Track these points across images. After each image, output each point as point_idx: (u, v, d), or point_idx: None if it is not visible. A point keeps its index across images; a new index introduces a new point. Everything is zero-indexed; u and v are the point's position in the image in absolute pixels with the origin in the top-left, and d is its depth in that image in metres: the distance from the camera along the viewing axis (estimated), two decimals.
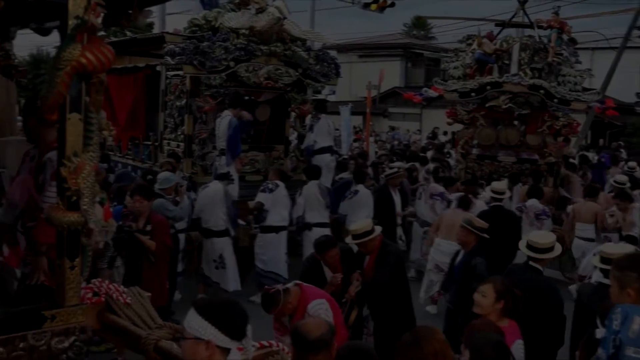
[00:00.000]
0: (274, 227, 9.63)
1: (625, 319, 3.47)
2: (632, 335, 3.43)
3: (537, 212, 10.17)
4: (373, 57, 37.04)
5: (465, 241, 6.84)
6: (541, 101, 12.84)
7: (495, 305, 4.64)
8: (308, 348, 3.63)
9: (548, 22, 13.92)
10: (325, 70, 11.60)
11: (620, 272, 3.71)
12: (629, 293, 3.62)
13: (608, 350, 3.49)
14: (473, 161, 13.47)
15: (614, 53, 25.45)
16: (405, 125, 32.65)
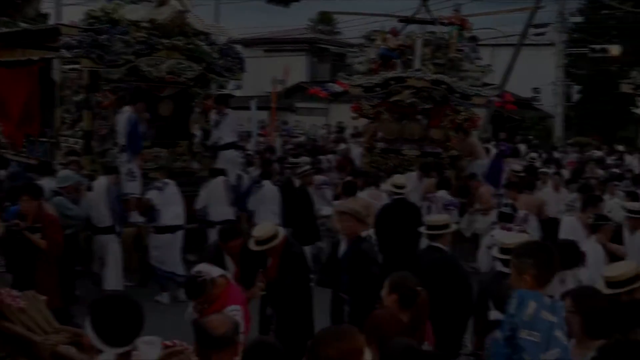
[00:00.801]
0: (169, 226, 9.44)
1: (521, 303, 3.59)
2: (526, 319, 3.55)
3: (446, 202, 10.39)
4: (279, 51, 36.96)
5: (351, 230, 6.78)
6: (443, 96, 13.09)
7: (389, 297, 4.60)
8: (212, 344, 3.58)
9: (449, 19, 14.27)
10: (230, 65, 11.45)
11: (517, 260, 3.83)
12: (526, 279, 3.73)
13: (505, 332, 3.61)
14: (378, 155, 13.60)
15: (513, 50, 26.42)
16: (312, 120, 32.73)
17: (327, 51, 39.08)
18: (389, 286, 4.64)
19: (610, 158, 19.04)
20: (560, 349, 3.58)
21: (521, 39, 26.42)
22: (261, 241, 6.28)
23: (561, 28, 29.91)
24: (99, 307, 2.95)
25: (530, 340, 3.52)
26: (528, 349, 3.51)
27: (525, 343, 3.52)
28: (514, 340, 3.57)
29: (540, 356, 3.51)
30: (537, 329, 3.55)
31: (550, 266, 3.82)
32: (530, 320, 3.55)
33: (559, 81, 30.45)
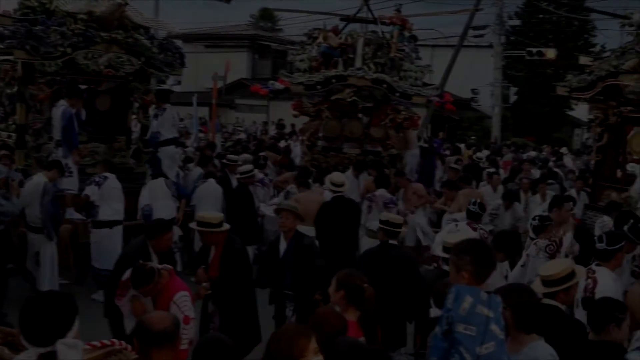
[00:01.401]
0: (107, 221, 9.29)
1: (457, 298, 3.64)
2: (462, 313, 3.60)
3: (386, 200, 10.48)
4: (220, 47, 36.63)
5: (290, 226, 6.92)
6: (384, 95, 13.21)
7: (336, 294, 4.62)
8: (152, 341, 3.55)
9: (390, 19, 14.38)
10: (170, 60, 11.30)
11: (456, 256, 3.89)
12: (464, 275, 3.79)
13: (442, 327, 3.65)
14: (319, 153, 13.63)
15: (452, 51, 26.86)
16: (253, 117, 32.62)
17: (268, 48, 38.98)
18: (335, 283, 4.65)
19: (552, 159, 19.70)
20: (495, 342, 3.65)
21: (460, 41, 26.87)
22: (209, 224, 6.34)
23: (499, 31, 30.50)
24: (25, 305, 2.91)
25: (466, 334, 3.58)
26: (464, 343, 3.57)
27: (461, 337, 3.57)
28: (451, 334, 3.62)
29: (476, 350, 3.57)
30: (473, 323, 3.61)
31: (487, 262, 3.90)
32: (465, 314, 3.61)
33: (497, 83, 31.07)
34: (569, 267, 4.96)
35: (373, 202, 10.41)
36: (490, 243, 6.26)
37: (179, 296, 5.07)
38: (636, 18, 10.60)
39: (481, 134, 32.14)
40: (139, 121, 12.10)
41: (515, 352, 3.93)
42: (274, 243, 7.19)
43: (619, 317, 4.37)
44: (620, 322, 4.36)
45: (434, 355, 3.70)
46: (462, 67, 28.45)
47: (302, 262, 6.75)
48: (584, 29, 36.31)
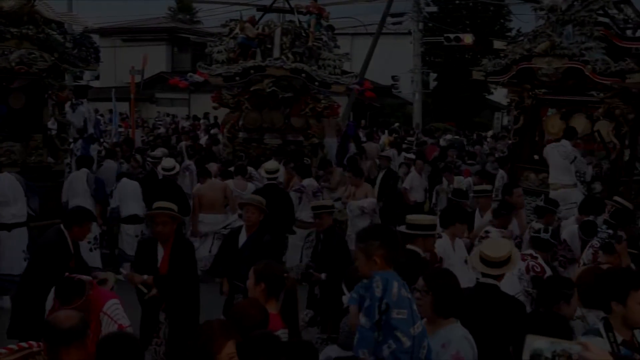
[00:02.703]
0: (4, 224, 8.88)
1: (386, 285, 3.72)
2: (394, 299, 3.69)
3: (314, 190, 10.52)
4: (138, 41, 35.93)
5: (255, 220, 6.96)
6: (303, 84, 13.24)
7: (256, 287, 4.53)
8: (59, 339, 3.48)
9: (307, 8, 14.39)
10: (84, 55, 10.99)
11: (364, 243, 3.90)
12: (375, 260, 3.82)
13: (372, 317, 3.69)
14: (240, 144, 13.56)
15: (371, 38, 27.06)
16: (174, 111, 32.16)
17: (187, 41, 38.43)
18: (254, 276, 4.58)
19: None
20: (420, 322, 3.84)
21: (379, 28, 27.09)
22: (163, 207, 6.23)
23: (417, 17, 30.93)
24: None
25: (400, 318, 3.68)
26: (400, 327, 3.67)
27: (396, 322, 3.67)
28: (383, 322, 3.69)
29: (410, 331, 3.70)
30: (403, 306, 3.72)
31: (396, 245, 3.96)
32: (396, 299, 3.71)
33: (417, 69, 31.54)
34: (510, 251, 5.01)
35: (303, 192, 10.42)
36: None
37: (108, 306, 4.78)
38: (547, 2, 10.92)
39: (403, 120, 32.57)
40: (55, 118, 11.77)
41: (431, 334, 4.02)
42: (234, 233, 7.23)
43: (567, 294, 4.54)
44: (569, 298, 4.53)
45: (363, 346, 3.70)
46: (382, 54, 28.72)
47: (257, 258, 6.68)
48: (500, 14, 37.17)
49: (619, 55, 9.97)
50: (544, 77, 10.75)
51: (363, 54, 25.84)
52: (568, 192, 9.70)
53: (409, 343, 3.68)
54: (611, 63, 9.77)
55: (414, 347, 3.71)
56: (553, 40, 10.38)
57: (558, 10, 10.57)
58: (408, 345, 3.68)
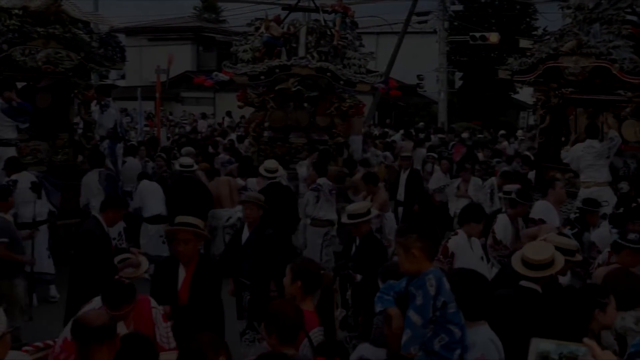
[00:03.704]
0: (25, 223, 8.74)
1: (439, 282, 3.75)
2: (449, 294, 3.77)
3: (330, 188, 10.52)
4: (163, 40, 36.17)
5: (255, 216, 7.09)
6: (328, 83, 13.22)
7: (292, 285, 4.52)
8: (91, 338, 3.50)
9: (332, 7, 14.39)
10: (110, 54, 11.15)
11: (403, 237, 3.91)
12: (414, 253, 3.82)
13: (427, 315, 3.71)
14: (265, 144, 13.59)
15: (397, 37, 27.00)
16: (199, 109, 32.30)
17: (213, 40, 38.62)
18: (291, 274, 4.56)
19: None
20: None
21: (404, 27, 27.02)
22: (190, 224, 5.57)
23: (442, 16, 30.75)
24: None
25: (453, 312, 3.77)
26: (453, 320, 3.76)
27: (451, 316, 3.75)
28: (437, 317, 3.72)
29: (461, 321, 3.80)
30: (453, 299, 3.80)
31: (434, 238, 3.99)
32: (449, 294, 3.78)
33: (442, 68, 31.37)
34: (553, 254, 4.90)
35: (320, 191, 10.42)
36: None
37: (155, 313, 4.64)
38: (574, 1, 10.81)
39: (428, 120, 32.43)
40: (81, 117, 11.91)
41: None
42: (238, 231, 7.37)
43: (602, 302, 4.31)
44: (604, 307, 4.30)
45: (415, 344, 3.71)
46: (407, 53, 28.66)
47: (260, 252, 6.85)
48: (526, 12, 36.82)
49: None
50: (570, 76, 10.62)
51: (388, 53, 25.82)
52: (601, 190, 9.60)
53: (460, 333, 3.77)
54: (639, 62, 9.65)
55: (464, 335, 3.79)
56: (580, 39, 10.26)
57: (585, 9, 10.46)
58: (459, 335, 3.76)
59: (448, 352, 3.74)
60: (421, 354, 3.73)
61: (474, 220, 6.79)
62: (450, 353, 3.76)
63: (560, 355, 2.28)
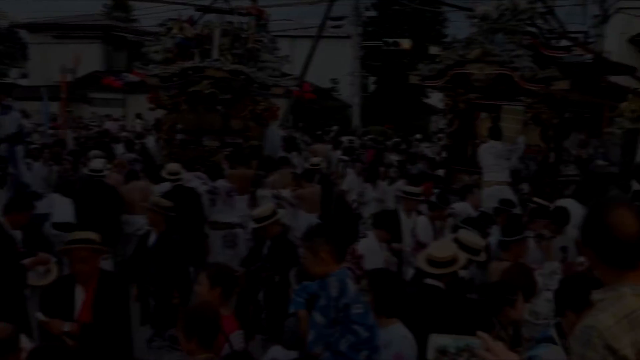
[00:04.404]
0: None
1: (342, 285, 3.82)
2: (352, 295, 3.82)
3: (228, 190, 10.45)
4: (70, 38, 34.96)
5: (156, 222, 7.05)
6: (242, 86, 13.17)
7: (212, 292, 4.42)
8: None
9: (247, 9, 14.34)
10: (10, 51, 10.76)
11: (310, 242, 3.98)
12: (322, 257, 3.90)
13: (330, 315, 3.79)
14: (177, 147, 13.39)
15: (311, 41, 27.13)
16: (109, 111, 31.46)
17: (123, 39, 37.68)
18: (208, 281, 4.45)
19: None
20: (370, 311, 3.98)
21: (319, 31, 27.18)
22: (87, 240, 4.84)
23: (356, 21, 31.18)
24: None
25: (359, 312, 3.82)
26: (359, 320, 3.81)
27: (357, 317, 3.80)
28: (341, 318, 3.79)
29: (368, 322, 3.86)
30: (359, 300, 3.87)
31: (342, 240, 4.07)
32: (354, 295, 3.84)
33: (356, 72, 31.76)
34: (456, 251, 5.08)
35: (216, 194, 10.34)
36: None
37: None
38: (480, 11, 11.23)
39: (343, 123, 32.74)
40: None
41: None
42: (144, 236, 7.27)
43: (511, 299, 4.48)
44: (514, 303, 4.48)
45: (320, 344, 3.78)
46: (322, 57, 28.79)
47: (165, 258, 6.77)
48: (437, 20, 37.76)
49: (544, 63, 10.34)
50: (476, 83, 11.05)
51: (303, 56, 25.89)
52: (501, 190, 9.96)
53: (367, 334, 3.82)
54: (538, 70, 10.15)
55: (371, 336, 3.82)
56: (485, 48, 10.70)
57: (490, 19, 10.88)
58: (366, 336, 3.81)
59: (354, 353, 3.79)
60: (329, 354, 3.79)
61: (385, 228, 6.95)
62: (357, 354, 3.82)
63: (458, 349, 2.36)
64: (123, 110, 33.10)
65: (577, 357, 2.35)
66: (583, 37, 21.57)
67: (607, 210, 2.43)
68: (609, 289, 2.44)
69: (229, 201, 10.34)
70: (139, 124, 25.59)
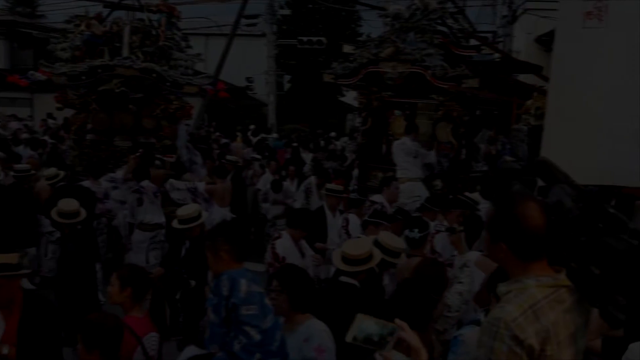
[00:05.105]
0: None
1: (233, 283, 3.79)
2: (242, 296, 3.79)
3: (154, 191, 10.29)
4: None
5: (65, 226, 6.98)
6: (154, 85, 12.93)
7: (122, 293, 4.30)
8: None
9: (158, 6, 14.05)
10: None
11: (211, 241, 3.99)
12: (221, 256, 3.92)
13: (220, 314, 3.77)
14: (88, 147, 13.02)
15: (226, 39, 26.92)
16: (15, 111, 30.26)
17: (29, 36, 36.34)
18: (119, 281, 4.33)
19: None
20: (272, 314, 3.96)
21: (233, 29, 27.01)
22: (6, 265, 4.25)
23: (271, 20, 31.09)
24: None
25: (250, 314, 3.79)
26: (250, 322, 3.79)
27: (246, 318, 3.78)
28: (232, 319, 3.75)
29: (261, 325, 3.82)
30: (253, 302, 3.83)
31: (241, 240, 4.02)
32: (245, 296, 3.80)
33: (271, 71, 31.69)
34: (370, 249, 5.13)
35: (143, 193, 10.17)
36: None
37: None
38: (392, 10, 11.39)
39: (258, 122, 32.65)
40: None
41: (291, 332, 4.12)
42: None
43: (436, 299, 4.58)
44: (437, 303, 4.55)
45: (214, 342, 3.76)
46: (237, 55, 28.66)
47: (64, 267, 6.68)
48: (351, 19, 38.15)
49: (455, 62, 10.60)
50: (389, 81, 11.21)
51: (217, 54, 25.67)
52: (413, 185, 10.14)
53: (259, 337, 3.80)
54: (449, 69, 10.39)
55: (265, 340, 3.79)
56: (397, 46, 10.86)
57: (402, 18, 11.05)
58: (258, 339, 3.79)
59: (247, 355, 3.77)
60: (223, 354, 3.76)
61: (300, 227, 6.95)
62: (250, 356, 3.80)
63: (380, 337, 2.39)
64: (30, 110, 31.95)
65: (486, 348, 2.43)
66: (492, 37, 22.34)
67: (516, 204, 2.52)
68: (514, 282, 2.53)
69: (156, 202, 10.17)
70: (53, 124, 24.74)
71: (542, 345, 2.39)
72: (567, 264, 2.53)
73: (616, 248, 2.45)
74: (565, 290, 2.52)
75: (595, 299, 2.52)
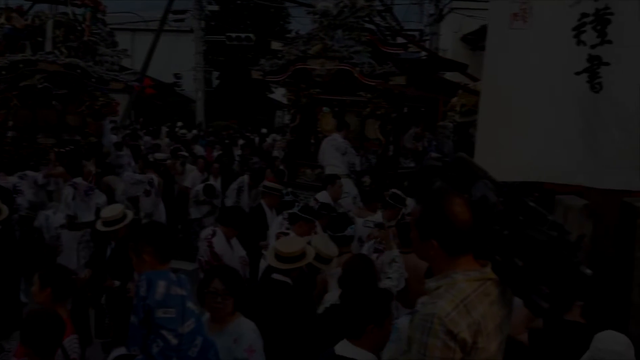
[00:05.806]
0: None
1: (150, 285, 3.71)
2: (159, 298, 3.70)
3: (85, 188, 10.05)
4: None
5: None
6: (78, 81, 12.66)
7: (42, 293, 4.28)
8: None
9: (82, 0, 13.76)
10: None
11: (134, 243, 3.94)
12: (145, 258, 3.87)
13: (139, 315, 3.70)
14: (9, 145, 12.61)
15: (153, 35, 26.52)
16: None
17: None
18: (39, 280, 4.29)
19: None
20: (194, 318, 3.85)
21: (161, 25, 26.64)
22: None
23: (199, 15, 30.76)
24: None
25: (166, 317, 3.69)
26: (166, 326, 3.69)
27: (162, 321, 3.68)
28: (150, 321, 3.68)
29: (178, 330, 3.72)
30: (171, 305, 3.73)
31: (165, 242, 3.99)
32: (162, 298, 3.71)
33: (199, 67, 31.37)
34: (304, 247, 5.15)
35: (77, 189, 9.91)
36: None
37: None
38: (320, 7, 11.45)
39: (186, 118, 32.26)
40: None
41: (219, 332, 4.11)
42: None
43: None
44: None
45: (134, 344, 3.71)
46: (164, 51, 28.29)
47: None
48: (280, 15, 38.08)
49: (382, 60, 10.75)
50: (317, 78, 11.28)
51: (144, 50, 25.29)
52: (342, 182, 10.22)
53: (176, 341, 3.72)
54: (376, 66, 10.53)
55: (182, 345, 3.74)
56: (325, 43, 10.95)
57: (329, 15, 11.13)
58: (175, 343, 3.71)
59: (164, 359, 3.72)
60: (143, 356, 3.73)
61: (232, 225, 6.93)
62: None
63: None
64: None
65: (419, 345, 2.47)
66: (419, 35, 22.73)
67: (443, 200, 2.58)
68: (442, 277, 2.59)
69: (87, 200, 9.92)
70: None
71: (474, 338, 2.45)
72: (492, 257, 2.60)
73: (537, 240, 2.53)
74: (491, 282, 2.59)
75: (519, 289, 2.60)
